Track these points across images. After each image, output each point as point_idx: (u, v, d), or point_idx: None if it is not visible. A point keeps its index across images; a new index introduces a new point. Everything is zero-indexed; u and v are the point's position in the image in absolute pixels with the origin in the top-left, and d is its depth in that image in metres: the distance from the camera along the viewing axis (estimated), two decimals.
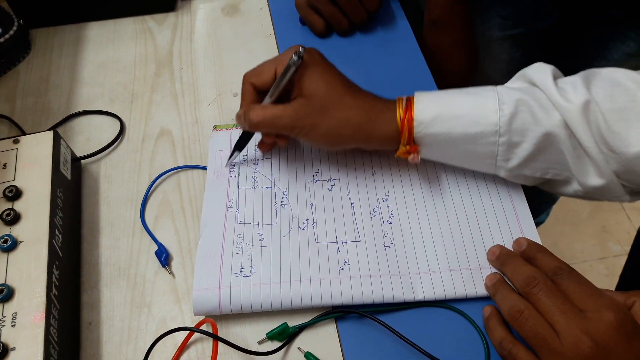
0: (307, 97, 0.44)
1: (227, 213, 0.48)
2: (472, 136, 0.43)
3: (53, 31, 0.67)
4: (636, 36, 0.68)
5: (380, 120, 0.44)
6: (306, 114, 0.44)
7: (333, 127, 0.44)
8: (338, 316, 0.43)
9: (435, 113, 0.43)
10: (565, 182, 0.45)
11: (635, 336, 0.36)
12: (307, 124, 0.44)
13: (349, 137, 0.45)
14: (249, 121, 0.45)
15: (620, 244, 1.44)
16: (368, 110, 0.44)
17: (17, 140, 0.48)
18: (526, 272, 0.40)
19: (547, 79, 0.43)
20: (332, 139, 0.45)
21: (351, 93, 0.45)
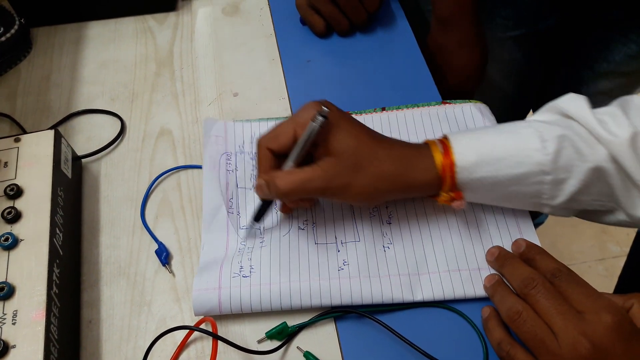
0: (337, 156, 0.41)
1: (228, 216, 0.48)
2: (518, 177, 0.41)
3: (54, 30, 0.68)
4: (637, 38, 0.69)
5: (417, 169, 0.42)
6: (338, 173, 0.41)
7: (368, 183, 0.41)
8: (337, 316, 0.43)
9: (476, 157, 0.41)
10: (610, 212, 0.44)
11: (633, 338, 0.36)
12: (340, 184, 0.41)
13: (386, 192, 0.43)
14: (277, 190, 0.41)
15: (619, 245, 1.45)
16: (403, 160, 0.42)
17: (18, 139, 0.48)
18: (524, 274, 0.40)
19: (586, 112, 0.42)
20: (368, 196, 0.42)
21: (381, 145, 0.43)
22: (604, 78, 0.76)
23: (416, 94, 0.58)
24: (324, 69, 0.61)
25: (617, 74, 0.74)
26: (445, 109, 0.54)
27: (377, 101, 0.57)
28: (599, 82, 0.77)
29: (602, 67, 0.74)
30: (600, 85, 0.77)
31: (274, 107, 0.58)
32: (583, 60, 0.77)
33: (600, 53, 0.74)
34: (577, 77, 0.79)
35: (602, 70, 0.75)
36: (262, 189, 0.43)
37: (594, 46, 0.74)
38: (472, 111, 0.53)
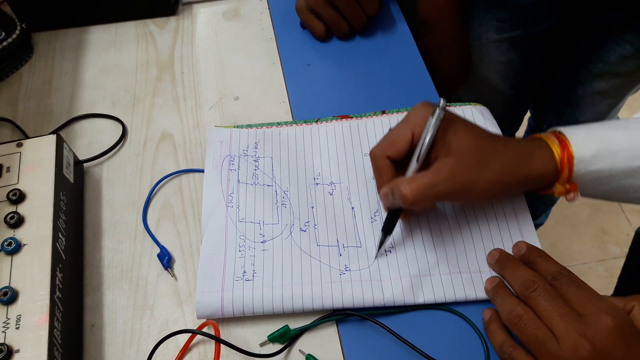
0: (457, 154, 0.41)
1: (227, 209, 0.48)
2: (634, 170, 0.42)
3: (55, 35, 0.68)
4: (632, 39, 0.69)
5: (536, 161, 0.42)
6: (463, 172, 0.40)
7: (495, 178, 0.41)
8: (339, 319, 0.43)
9: (594, 150, 0.42)
10: None
11: (634, 340, 0.36)
12: (466, 183, 0.41)
13: (509, 185, 0.42)
14: (404, 199, 0.40)
15: (619, 245, 1.45)
16: (521, 152, 0.43)
17: (20, 144, 0.48)
18: (525, 276, 0.40)
19: None
20: (494, 192, 0.42)
21: (499, 140, 0.43)
22: (600, 78, 0.76)
23: (416, 97, 0.58)
24: (324, 73, 0.61)
25: (612, 74, 0.75)
26: None
27: (377, 104, 0.57)
28: (595, 82, 0.77)
29: (598, 67, 0.75)
30: (597, 85, 0.77)
31: (274, 110, 0.58)
32: (579, 61, 0.78)
33: (595, 54, 0.74)
34: (574, 78, 0.80)
35: (598, 71, 0.75)
36: (387, 198, 0.42)
37: (590, 47, 0.75)
38: (473, 113, 0.54)
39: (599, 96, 0.79)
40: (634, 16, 0.67)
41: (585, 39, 0.75)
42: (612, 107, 0.82)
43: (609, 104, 0.81)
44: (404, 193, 0.40)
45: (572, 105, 0.83)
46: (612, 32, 0.71)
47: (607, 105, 0.81)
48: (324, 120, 0.55)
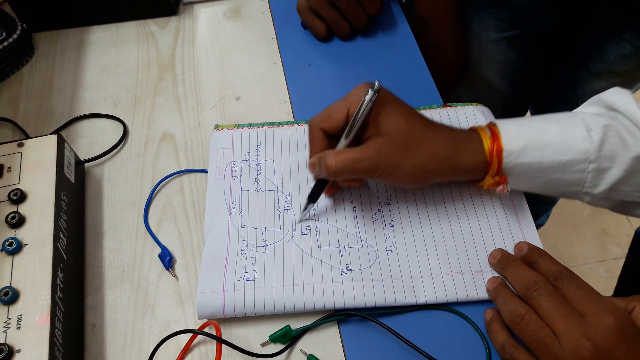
0: (387, 136, 0.42)
1: (230, 215, 0.48)
2: (563, 164, 0.42)
3: (56, 35, 0.68)
4: (631, 37, 0.69)
5: (466, 152, 0.43)
6: (388, 153, 0.42)
7: (419, 164, 0.42)
8: (340, 319, 0.43)
9: (524, 143, 0.42)
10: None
11: (635, 340, 0.36)
12: (390, 164, 0.42)
13: (434, 173, 0.43)
14: (328, 169, 0.42)
15: (620, 246, 1.45)
16: (452, 143, 0.43)
17: (21, 144, 0.48)
18: (527, 277, 0.40)
19: (630, 104, 0.43)
20: (417, 177, 0.43)
21: (431, 127, 0.44)
22: (599, 77, 0.76)
23: (417, 97, 0.58)
24: (325, 73, 0.61)
25: (611, 73, 0.75)
26: (447, 111, 0.54)
27: None
28: (594, 81, 0.78)
29: (597, 66, 0.75)
30: (595, 84, 0.78)
31: (275, 110, 0.58)
32: (578, 60, 0.78)
33: (594, 53, 0.74)
34: (573, 77, 0.80)
35: (597, 70, 0.75)
36: (314, 167, 0.44)
37: (589, 46, 0.75)
38: (475, 113, 0.54)
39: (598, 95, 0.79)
40: (632, 15, 0.67)
41: (584, 38, 0.75)
42: None
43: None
44: (329, 164, 0.42)
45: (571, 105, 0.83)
46: (611, 31, 0.71)
47: None
48: None
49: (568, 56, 0.80)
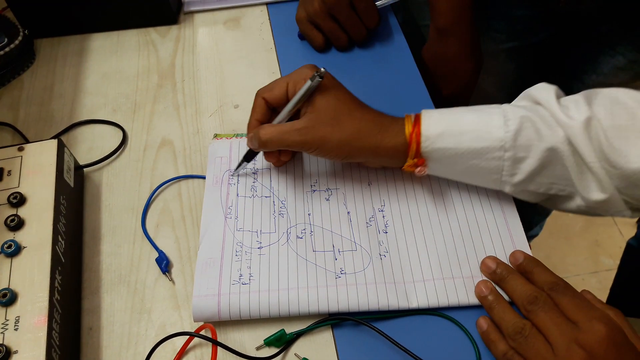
0: (317, 112, 0.45)
1: (226, 219, 0.49)
2: (478, 151, 0.44)
3: (57, 41, 0.69)
4: (625, 50, 0.70)
5: (389, 133, 0.45)
6: (315, 127, 0.45)
7: (343, 138, 0.45)
8: (334, 323, 0.44)
9: (442, 129, 0.44)
10: (569, 197, 0.46)
11: (624, 348, 0.37)
12: (317, 137, 0.45)
13: (358, 149, 0.46)
14: (258, 140, 0.46)
15: (612, 258, 1.46)
16: (377, 123, 0.46)
17: (21, 148, 0.49)
18: (528, 292, 0.41)
19: (550, 97, 0.44)
20: (342, 151, 0.46)
21: (360, 108, 0.47)
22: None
23: (412, 108, 0.58)
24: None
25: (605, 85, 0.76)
26: None
27: None
28: None
29: (591, 78, 0.76)
30: None
31: None
32: (573, 72, 0.79)
33: (589, 65, 0.76)
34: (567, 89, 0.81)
35: (591, 82, 0.77)
36: (251, 141, 0.48)
37: (584, 59, 0.76)
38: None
39: None
40: (626, 28, 0.69)
41: (579, 51, 0.77)
42: None
43: None
44: (260, 134, 0.46)
45: None
46: (606, 44, 0.72)
47: None
48: None
49: (563, 68, 0.82)
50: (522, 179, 0.44)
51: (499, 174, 0.45)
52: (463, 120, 0.44)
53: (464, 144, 0.44)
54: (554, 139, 0.43)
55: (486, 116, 0.44)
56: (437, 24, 0.66)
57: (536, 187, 0.45)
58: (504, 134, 0.43)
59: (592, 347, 0.36)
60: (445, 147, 0.44)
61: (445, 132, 0.44)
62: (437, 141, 0.44)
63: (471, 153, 0.44)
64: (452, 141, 0.44)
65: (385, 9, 0.69)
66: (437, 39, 0.67)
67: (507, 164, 0.44)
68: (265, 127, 0.46)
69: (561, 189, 0.45)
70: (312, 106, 0.46)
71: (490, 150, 0.44)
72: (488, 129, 0.43)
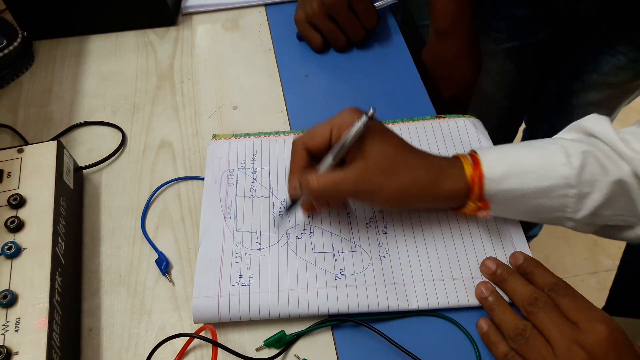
0: (370, 159, 0.43)
1: (225, 219, 0.49)
2: (544, 190, 0.43)
3: (56, 43, 0.69)
4: (625, 49, 0.70)
5: (448, 178, 0.44)
6: (370, 177, 0.43)
7: (401, 188, 0.43)
8: (334, 324, 0.44)
9: (504, 169, 0.43)
10: (630, 227, 0.45)
11: (625, 349, 0.37)
12: (371, 187, 0.43)
13: (416, 197, 0.44)
14: (311, 190, 0.43)
15: (611, 258, 1.46)
16: (434, 169, 0.44)
17: (21, 150, 0.49)
18: (528, 293, 0.41)
19: (609, 130, 0.43)
20: (400, 201, 0.44)
21: (414, 153, 0.45)
22: (593, 89, 0.78)
23: (411, 108, 0.59)
24: (321, 84, 0.63)
25: (605, 85, 0.76)
26: (439, 122, 0.56)
27: None
28: (588, 93, 0.79)
29: (592, 78, 0.76)
30: (590, 96, 0.79)
31: (272, 120, 0.59)
32: (573, 71, 0.79)
33: (589, 65, 0.76)
34: (567, 89, 0.82)
35: (592, 82, 0.77)
36: (294, 187, 0.45)
37: (584, 58, 0.76)
38: (466, 125, 0.55)
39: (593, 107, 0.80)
40: (626, 28, 0.69)
41: (579, 50, 0.77)
42: None
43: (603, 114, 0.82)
44: (311, 184, 0.43)
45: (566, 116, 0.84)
46: (606, 43, 0.72)
47: None
48: None
49: (563, 68, 0.82)
50: (587, 214, 0.43)
51: (562, 211, 0.44)
52: (524, 159, 0.43)
53: (529, 184, 0.43)
54: (619, 173, 0.42)
55: (547, 153, 0.43)
56: (437, 26, 0.66)
57: (599, 220, 0.44)
58: (568, 170, 0.42)
59: (592, 347, 0.36)
60: (509, 188, 0.43)
61: (509, 173, 0.43)
62: (500, 182, 0.43)
63: (536, 192, 0.43)
64: (517, 182, 0.43)
65: (384, 9, 0.69)
66: (436, 41, 0.68)
67: (572, 200, 0.43)
68: (314, 177, 0.43)
69: (624, 220, 0.44)
70: (363, 153, 0.43)
71: (555, 189, 0.42)
72: (552, 166, 0.42)
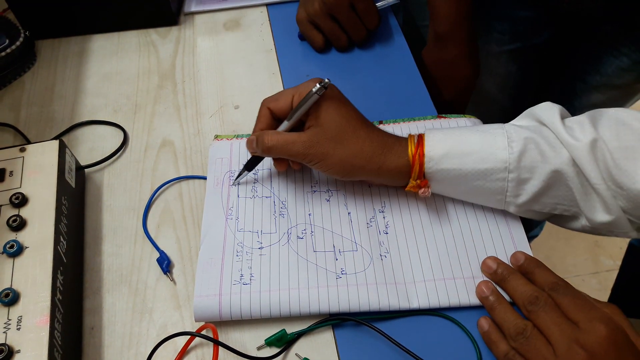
0: (322, 127, 0.45)
1: (227, 220, 0.49)
2: (482, 172, 0.44)
3: (58, 43, 0.69)
4: (629, 51, 0.70)
5: (392, 153, 0.45)
6: (319, 142, 0.45)
7: (346, 157, 0.45)
8: (335, 323, 0.44)
9: (445, 150, 0.44)
10: (574, 217, 0.46)
11: (625, 348, 0.37)
12: (319, 152, 0.45)
13: (360, 168, 0.46)
14: (262, 145, 0.46)
15: (612, 258, 1.46)
16: (381, 143, 0.46)
17: (23, 149, 0.49)
18: (529, 292, 0.41)
19: (555, 118, 0.44)
20: (344, 169, 0.46)
21: (365, 127, 0.47)
22: (597, 91, 0.77)
23: (412, 108, 0.59)
24: None
25: (609, 86, 0.76)
26: (440, 122, 0.56)
27: (374, 115, 0.58)
28: (591, 94, 0.79)
29: (595, 79, 0.76)
30: (593, 97, 0.79)
31: None
32: (576, 73, 0.79)
33: (592, 66, 0.76)
34: (570, 90, 0.81)
35: (595, 83, 0.77)
36: (251, 143, 0.48)
37: (587, 59, 0.76)
38: (467, 125, 0.55)
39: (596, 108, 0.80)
40: (631, 29, 0.69)
41: (583, 52, 0.77)
42: None
43: None
44: (264, 140, 0.46)
45: None
46: (610, 44, 0.72)
47: None
48: None
49: (566, 69, 0.82)
50: (526, 199, 0.44)
51: (502, 194, 0.45)
52: (467, 141, 0.44)
53: (468, 165, 0.44)
54: (558, 161, 0.43)
55: (490, 137, 0.44)
56: (436, 29, 0.66)
57: (540, 207, 0.45)
58: (508, 155, 0.43)
59: (592, 347, 0.36)
60: (448, 168, 0.44)
61: (449, 153, 0.44)
62: (440, 162, 0.44)
63: (475, 174, 0.44)
64: (456, 162, 0.44)
65: (386, 9, 0.69)
66: (435, 43, 0.68)
67: (511, 185, 0.44)
68: (269, 133, 0.47)
69: (566, 209, 0.45)
70: (317, 120, 0.46)
71: (494, 172, 0.44)
72: (492, 150, 0.43)
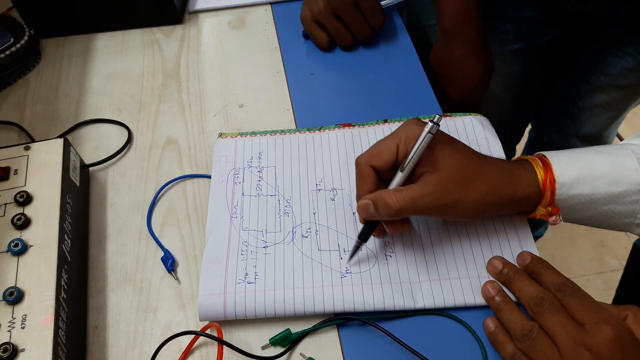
0: (443, 171, 0.42)
1: (232, 219, 0.49)
2: (615, 196, 0.42)
3: (63, 41, 0.69)
4: (634, 52, 0.70)
5: (520, 181, 0.43)
6: (447, 190, 0.41)
7: (479, 198, 0.42)
8: (340, 323, 0.44)
9: (576, 174, 0.42)
10: None
11: (632, 350, 0.37)
12: (450, 200, 0.41)
13: (493, 205, 0.43)
14: (388, 209, 0.41)
15: (617, 258, 1.45)
16: (506, 172, 0.43)
17: (28, 147, 0.49)
18: (535, 293, 0.41)
19: None
20: (479, 210, 0.43)
21: (484, 159, 0.44)
22: (601, 91, 0.77)
23: (417, 107, 0.59)
24: (327, 82, 0.62)
25: (613, 87, 0.76)
26: (446, 121, 0.55)
27: (379, 113, 0.58)
28: (595, 95, 0.78)
29: (599, 80, 0.76)
30: (597, 98, 0.78)
31: (278, 118, 0.59)
32: (580, 73, 0.79)
33: (597, 67, 0.75)
34: (575, 90, 0.81)
35: (599, 84, 0.76)
36: (367, 210, 0.42)
37: (591, 60, 0.76)
38: (473, 123, 0.55)
39: (600, 109, 0.80)
40: (635, 30, 0.68)
41: (587, 52, 0.76)
42: (613, 120, 0.83)
43: (610, 116, 0.82)
44: (389, 202, 0.41)
45: (573, 118, 0.84)
46: (614, 45, 0.71)
47: (607, 118, 0.82)
48: (327, 128, 0.56)
49: (570, 69, 0.81)
50: None
51: (632, 217, 0.43)
52: (596, 164, 0.43)
53: (601, 189, 0.42)
54: None
55: (618, 159, 0.43)
56: (443, 26, 0.66)
57: None
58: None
59: (598, 349, 0.36)
60: (581, 193, 0.43)
61: (580, 178, 0.42)
62: (572, 188, 0.42)
63: (607, 198, 0.43)
64: (588, 187, 0.42)
65: (390, 8, 0.69)
66: (444, 41, 0.67)
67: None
68: (389, 193, 0.41)
69: None
70: (435, 164, 0.42)
71: (627, 195, 0.42)
72: (623, 172, 0.42)
